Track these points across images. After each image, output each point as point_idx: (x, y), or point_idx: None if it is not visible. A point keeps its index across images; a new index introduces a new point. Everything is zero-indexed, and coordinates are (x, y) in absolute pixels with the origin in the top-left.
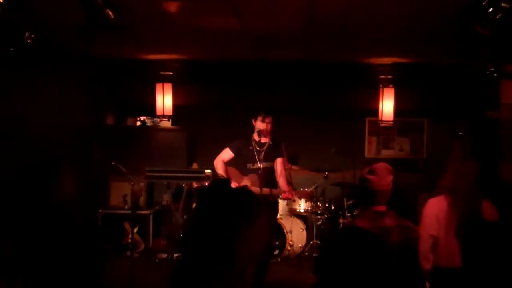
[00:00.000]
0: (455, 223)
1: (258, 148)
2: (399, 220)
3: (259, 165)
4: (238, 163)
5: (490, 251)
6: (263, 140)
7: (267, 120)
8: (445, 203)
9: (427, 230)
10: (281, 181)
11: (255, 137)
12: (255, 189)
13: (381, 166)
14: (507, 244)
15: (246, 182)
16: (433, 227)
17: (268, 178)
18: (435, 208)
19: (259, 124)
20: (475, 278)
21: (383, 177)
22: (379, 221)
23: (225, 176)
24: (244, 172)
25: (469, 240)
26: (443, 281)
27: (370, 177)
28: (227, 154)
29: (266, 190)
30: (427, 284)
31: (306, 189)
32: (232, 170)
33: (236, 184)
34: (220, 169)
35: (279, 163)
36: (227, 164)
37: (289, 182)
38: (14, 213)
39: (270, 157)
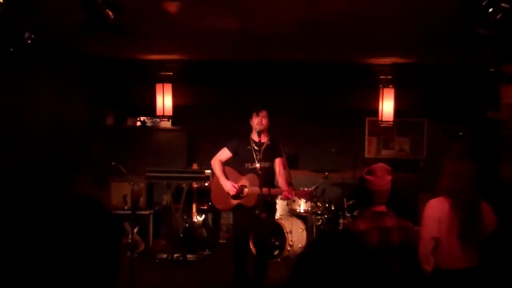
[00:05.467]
0: (457, 225)
1: (256, 148)
2: (399, 221)
3: (257, 165)
4: (236, 163)
5: (491, 253)
6: (262, 139)
7: (261, 114)
8: (446, 204)
9: (428, 232)
10: (281, 181)
11: (254, 137)
12: (254, 189)
13: (379, 166)
14: (507, 245)
15: (244, 182)
16: (435, 229)
17: (267, 178)
18: (436, 209)
19: (255, 120)
20: (476, 279)
21: (382, 177)
22: (380, 221)
23: (222, 176)
24: (242, 172)
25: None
26: (444, 283)
27: (368, 177)
28: (224, 154)
29: (265, 190)
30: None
31: (306, 189)
32: (230, 170)
33: (235, 184)
34: (217, 169)
35: (278, 163)
36: (225, 164)
37: (290, 183)
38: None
39: (268, 157)
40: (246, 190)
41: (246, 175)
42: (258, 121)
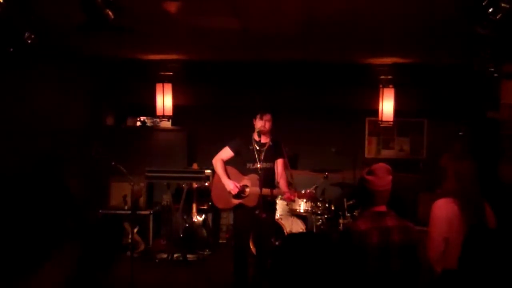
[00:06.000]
0: (466, 226)
1: (258, 148)
2: (400, 221)
3: (259, 165)
4: (237, 163)
5: (492, 253)
6: (263, 140)
7: (265, 117)
8: (454, 205)
9: (439, 233)
10: (282, 182)
11: (255, 137)
12: (256, 189)
13: (380, 166)
14: (507, 246)
15: (246, 182)
16: (446, 229)
17: (268, 178)
18: (445, 210)
19: (258, 123)
20: (478, 280)
21: (382, 178)
22: (380, 221)
23: (224, 175)
24: (244, 172)
25: (471, 243)
26: (451, 283)
27: (369, 177)
28: (226, 153)
29: (266, 191)
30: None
31: (307, 190)
32: (232, 170)
33: (236, 184)
34: (219, 168)
35: (279, 164)
36: (227, 163)
37: (290, 183)
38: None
39: (270, 157)
40: (247, 190)
41: (247, 175)
42: (261, 124)
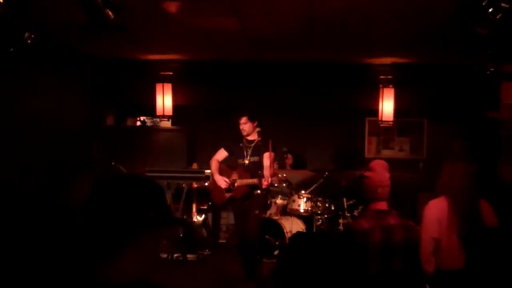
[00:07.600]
0: (457, 225)
1: (247, 145)
2: (402, 220)
3: (246, 160)
4: (232, 160)
5: (491, 254)
6: (251, 137)
7: (240, 121)
8: (446, 204)
9: (429, 233)
10: (265, 174)
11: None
12: (242, 181)
13: (377, 163)
14: (507, 246)
15: (234, 176)
16: (435, 230)
17: (254, 171)
18: (436, 210)
19: (239, 127)
20: (477, 280)
21: (381, 174)
22: (383, 220)
23: (215, 172)
24: (235, 167)
25: (471, 243)
26: (445, 283)
27: (368, 174)
28: (221, 154)
29: (247, 181)
30: (427, 286)
31: (279, 175)
32: (224, 167)
33: (225, 179)
34: (213, 167)
35: (265, 157)
36: (222, 162)
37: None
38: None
39: (256, 152)
40: (236, 183)
41: (235, 170)
42: (240, 128)
